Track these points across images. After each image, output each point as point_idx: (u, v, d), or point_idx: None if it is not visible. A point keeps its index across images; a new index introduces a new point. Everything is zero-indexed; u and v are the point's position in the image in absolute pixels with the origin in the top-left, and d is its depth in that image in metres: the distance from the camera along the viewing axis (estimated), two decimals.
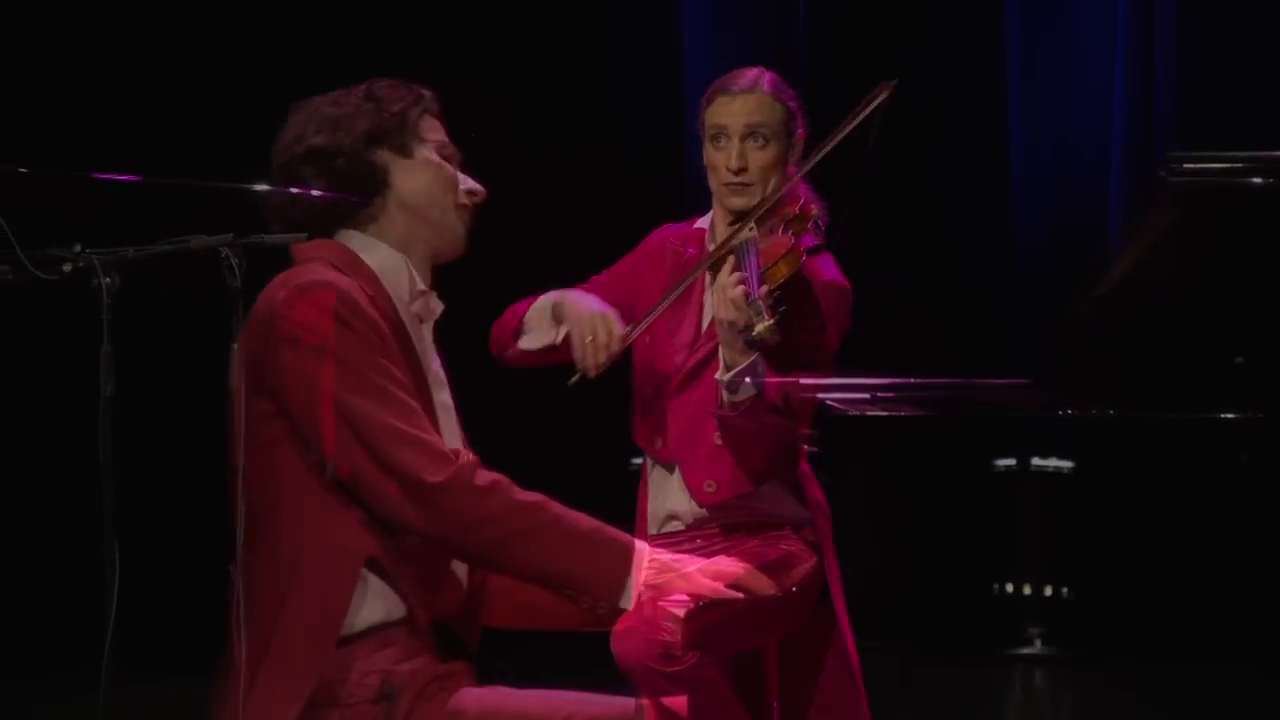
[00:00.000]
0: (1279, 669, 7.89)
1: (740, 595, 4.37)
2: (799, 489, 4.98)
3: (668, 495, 5.02)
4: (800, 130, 4.99)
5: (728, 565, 4.30)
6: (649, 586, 4.04)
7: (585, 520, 3.96)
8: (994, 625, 8.80)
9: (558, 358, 4.99)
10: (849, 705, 5.11)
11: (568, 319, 4.85)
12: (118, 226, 4.11)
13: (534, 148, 8.60)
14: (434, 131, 4.12)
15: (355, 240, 4.03)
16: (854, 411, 4.49)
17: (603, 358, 4.79)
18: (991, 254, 8.85)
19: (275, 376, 3.83)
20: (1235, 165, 3.60)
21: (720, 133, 4.96)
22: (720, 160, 4.95)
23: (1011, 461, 8.10)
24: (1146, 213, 3.72)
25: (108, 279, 4.17)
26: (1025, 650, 8.80)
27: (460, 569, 4.12)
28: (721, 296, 4.68)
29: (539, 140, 8.65)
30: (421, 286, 4.07)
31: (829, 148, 4.79)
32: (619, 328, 4.79)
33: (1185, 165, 3.57)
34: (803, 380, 4.75)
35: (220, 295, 5.19)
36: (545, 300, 4.96)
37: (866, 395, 4.29)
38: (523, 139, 8.58)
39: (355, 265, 3.99)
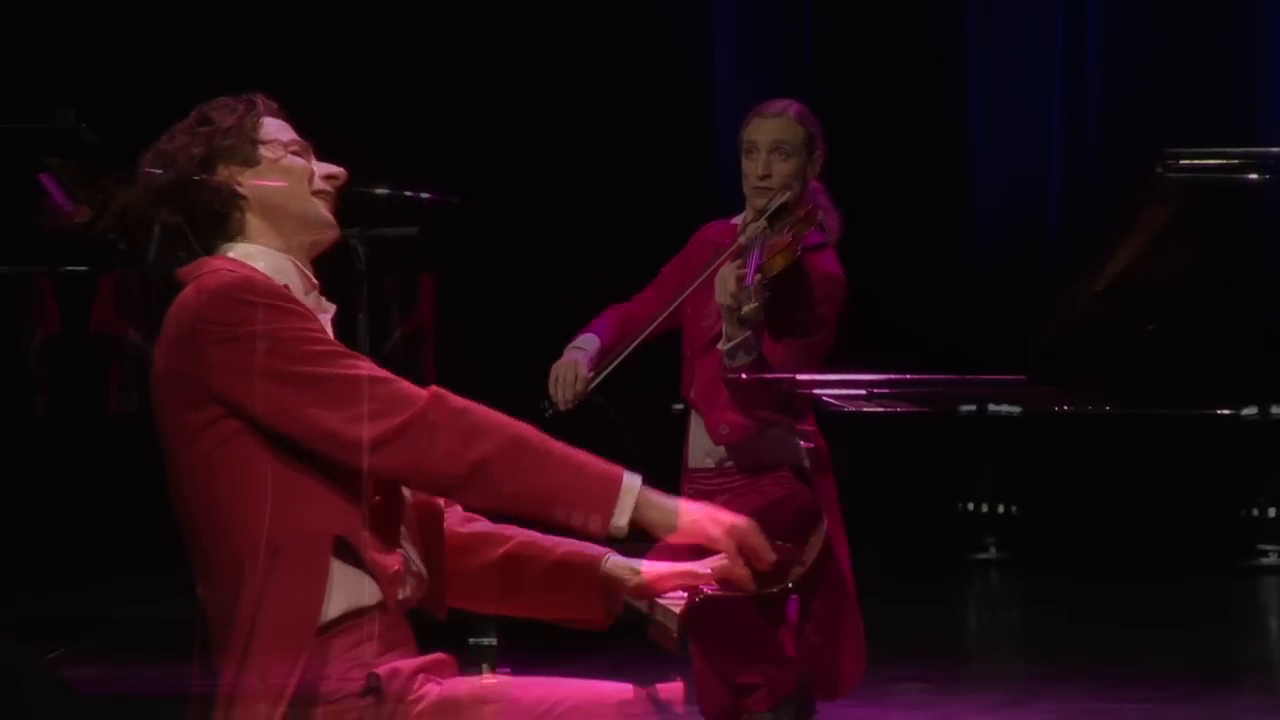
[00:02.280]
0: (1182, 566, 8.12)
1: (736, 594, 3.61)
2: (801, 435, 5.18)
3: (700, 435, 5.24)
4: (820, 150, 5.19)
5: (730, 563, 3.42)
6: (648, 580, 3.30)
7: (570, 447, 3.21)
8: (958, 536, 9.02)
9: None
10: (842, 606, 5.30)
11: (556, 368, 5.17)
12: None
13: (592, 165, 8.68)
14: (277, 132, 3.45)
15: (236, 251, 3.35)
16: (850, 408, 4.35)
17: (568, 394, 5.07)
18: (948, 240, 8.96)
19: (218, 381, 3.17)
20: (1231, 161, 3.14)
21: (752, 146, 5.19)
22: (751, 168, 5.18)
23: (972, 407, 8.31)
24: (1141, 207, 3.20)
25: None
26: (982, 555, 9.12)
27: (413, 549, 3.40)
28: (722, 282, 4.89)
29: (597, 158, 8.74)
30: (314, 281, 3.42)
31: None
32: (584, 373, 5.06)
33: (1181, 161, 3.10)
34: (800, 376, 4.92)
35: (346, 276, 5.41)
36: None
37: (863, 391, 3.96)
38: (583, 159, 8.67)
39: (250, 270, 3.33)
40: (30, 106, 6.01)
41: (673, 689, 3.23)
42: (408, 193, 6.04)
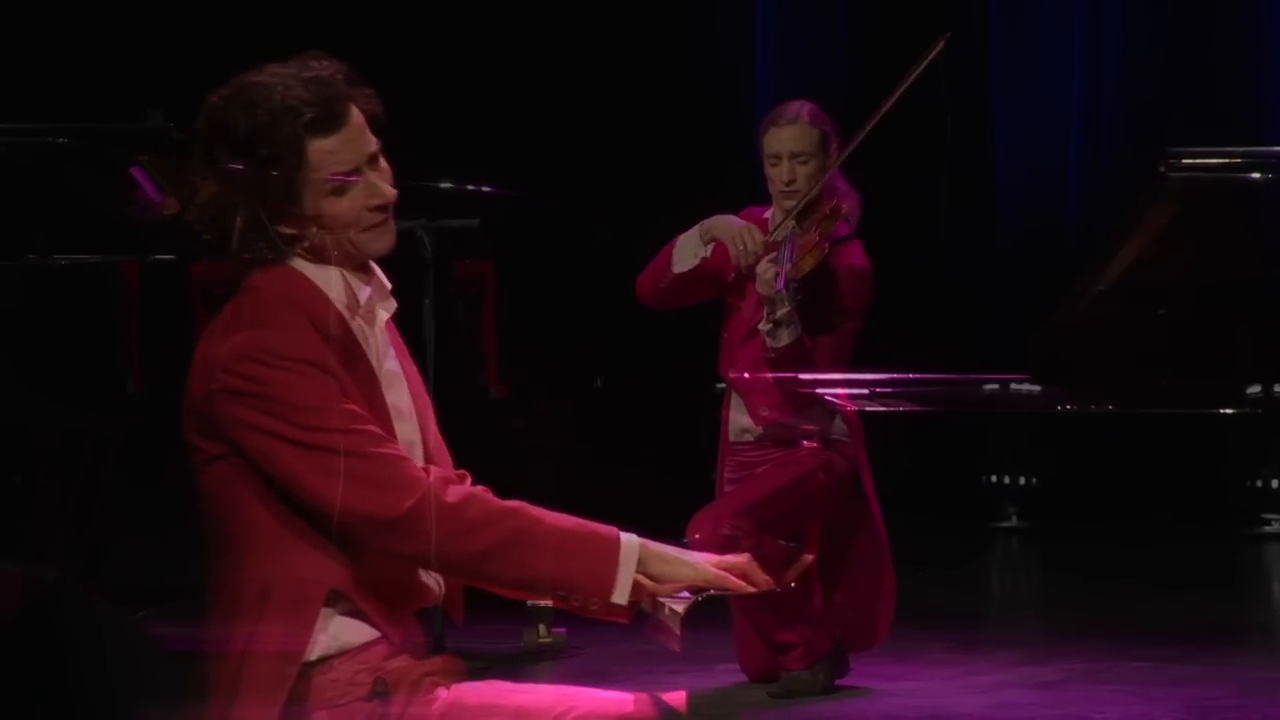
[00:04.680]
0: (1185, 539, 8.11)
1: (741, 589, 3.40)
2: (836, 410, 5.22)
3: (740, 414, 5.34)
4: (834, 146, 5.22)
5: (732, 558, 3.20)
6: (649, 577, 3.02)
7: (567, 520, 3.01)
8: (982, 506, 9.01)
9: (701, 284, 5.27)
10: (878, 569, 5.35)
11: (718, 233, 5.11)
12: None
13: (644, 156, 8.70)
14: (337, 150, 3.01)
15: (296, 264, 3.06)
16: (853, 407, 4.24)
17: (753, 250, 5.02)
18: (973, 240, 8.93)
19: (226, 428, 2.95)
20: (1234, 160, 2.97)
21: (774, 156, 5.24)
22: (776, 175, 5.26)
23: (995, 385, 8.25)
24: (1144, 207, 3.02)
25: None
26: (1005, 524, 9.08)
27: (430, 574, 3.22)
28: (763, 278, 4.96)
29: (650, 150, 8.75)
30: (360, 296, 3.08)
31: (891, 102, 4.96)
32: (760, 234, 5.05)
33: (1184, 160, 2.93)
34: (803, 376, 4.94)
35: (412, 266, 5.41)
36: (691, 231, 5.21)
37: (865, 391, 3.66)
38: (638, 153, 8.68)
39: (299, 288, 3.04)
40: (123, 107, 6.07)
41: (676, 697, 3.05)
42: (470, 186, 6.08)
